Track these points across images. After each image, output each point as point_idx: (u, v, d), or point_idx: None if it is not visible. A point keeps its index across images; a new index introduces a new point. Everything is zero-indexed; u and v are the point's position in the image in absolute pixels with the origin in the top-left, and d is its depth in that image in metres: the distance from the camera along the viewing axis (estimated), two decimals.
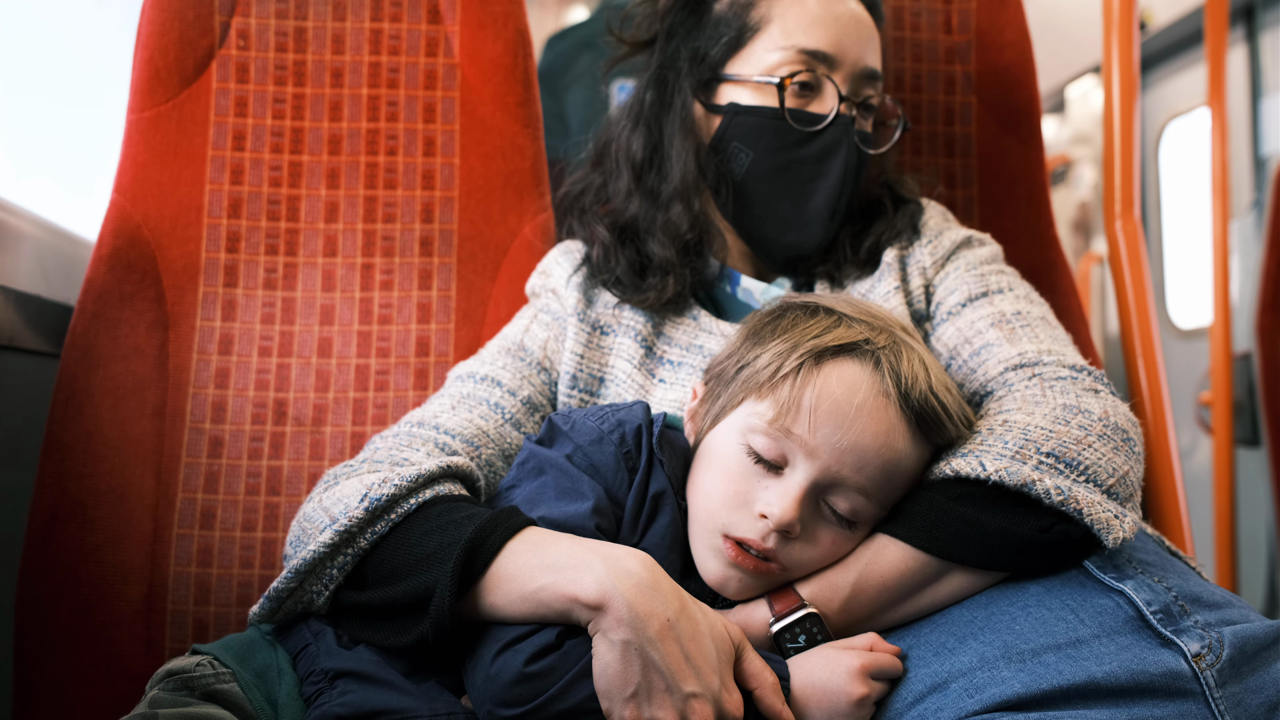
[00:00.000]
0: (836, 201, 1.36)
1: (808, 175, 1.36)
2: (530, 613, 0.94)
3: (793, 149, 1.36)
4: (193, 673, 0.99)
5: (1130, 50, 1.80)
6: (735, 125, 1.37)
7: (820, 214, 1.37)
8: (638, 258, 1.38)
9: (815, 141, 1.35)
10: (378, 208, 1.59)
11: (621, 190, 1.44)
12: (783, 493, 1.00)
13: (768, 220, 1.39)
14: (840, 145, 1.35)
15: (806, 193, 1.36)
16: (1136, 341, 1.71)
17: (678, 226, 1.37)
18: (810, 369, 1.02)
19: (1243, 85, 3.92)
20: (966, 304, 1.31)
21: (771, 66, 1.35)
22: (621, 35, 1.50)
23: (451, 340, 1.56)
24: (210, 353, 1.52)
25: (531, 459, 1.10)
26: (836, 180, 1.36)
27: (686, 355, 1.32)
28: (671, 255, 1.36)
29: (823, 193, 1.36)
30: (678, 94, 1.42)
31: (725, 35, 1.39)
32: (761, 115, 1.36)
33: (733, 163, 1.38)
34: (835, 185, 1.36)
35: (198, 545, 1.46)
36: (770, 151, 1.36)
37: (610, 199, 1.46)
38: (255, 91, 1.59)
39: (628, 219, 1.41)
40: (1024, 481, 0.99)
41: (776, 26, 1.37)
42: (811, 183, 1.36)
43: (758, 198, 1.38)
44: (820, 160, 1.36)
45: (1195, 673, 0.90)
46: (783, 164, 1.36)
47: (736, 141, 1.37)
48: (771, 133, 1.36)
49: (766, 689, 0.95)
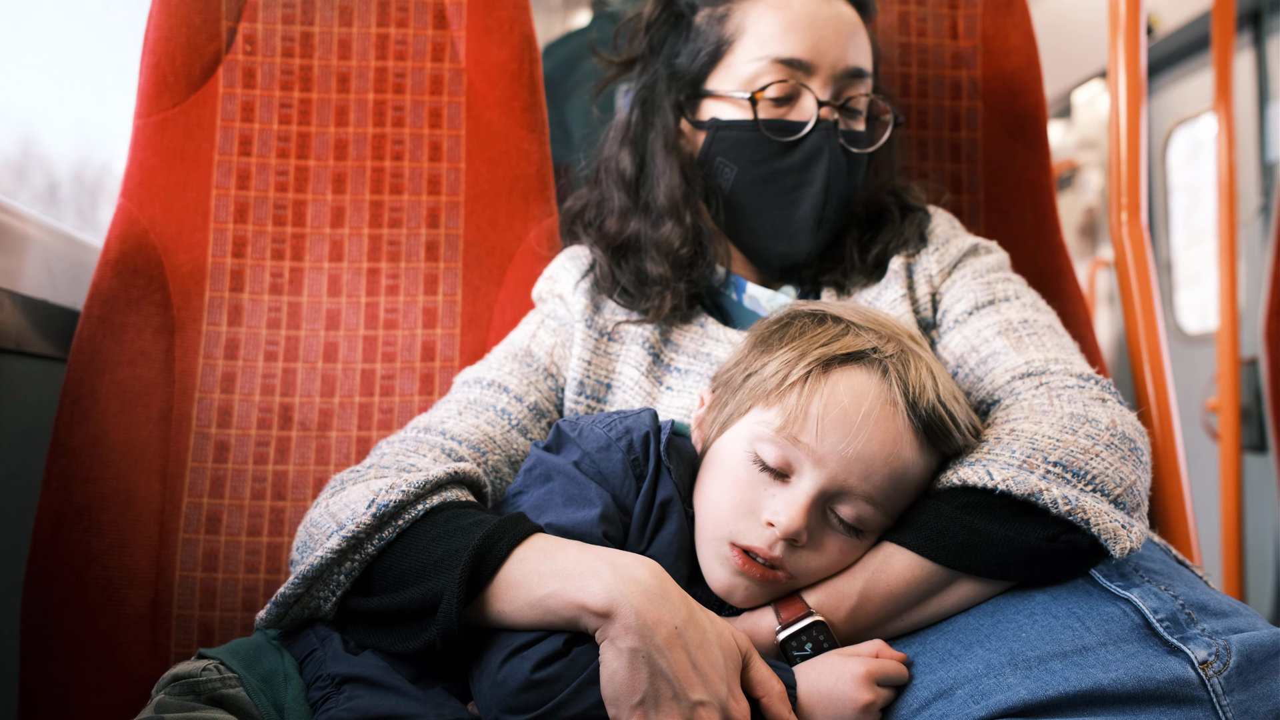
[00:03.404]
0: (822, 209, 1.35)
1: (792, 184, 1.35)
2: (538, 619, 0.94)
3: (775, 160, 1.35)
4: (199, 677, 0.99)
5: (1137, 55, 1.79)
6: (718, 141, 1.37)
7: (807, 222, 1.36)
8: (635, 274, 1.38)
9: (797, 150, 1.34)
10: (384, 212, 1.60)
11: (616, 209, 1.44)
12: (790, 501, 1.00)
13: (759, 232, 1.39)
14: (822, 151, 1.34)
15: (793, 202, 1.36)
16: (1143, 347, 1.71)
17: (671, 243, 1.37)
18: (818, 377, 1.02)
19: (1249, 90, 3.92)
20: (973, 312, 1.30)
21: (748, 79, 1.35)
22: (607, 55, 1.51)
23: (457, 345, 1.56)
24: (216, 357, 1.52)
25: (539, 465, 1.10)
26: (821, 187, 1.34)
27: (694, 363, 1.32)
28: (666, 271, 1.36)
29: (808, 201, 1.35)
30: (658, 112, 1.42)
31: (704, 49, 1.39)
32: (741, 129, 1.35)
33: (719, 177, 1.38)
34: (820, 192, 1.34)
35: (203, 550, 1.46)
36: (753, 164, 1.36)
37: (607, 216, 1.46)
38: (262, 97, 1.59)
39: (625, 237, 1.42)
40: (1031, 491, 0.99)
41: (750, 37, 1.36)
42: (797, 191, 1.35)
43: (747, 210, 1.38)
44: (803, 168, 1.34)
45: (1202, 680, 0.89)
46: (766, 176, 1.36)
47: (721, 156, 1.37)
48: (752, 146, 1.35)
49: (774, 697, 0.94)
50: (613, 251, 1.41)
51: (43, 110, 2.06)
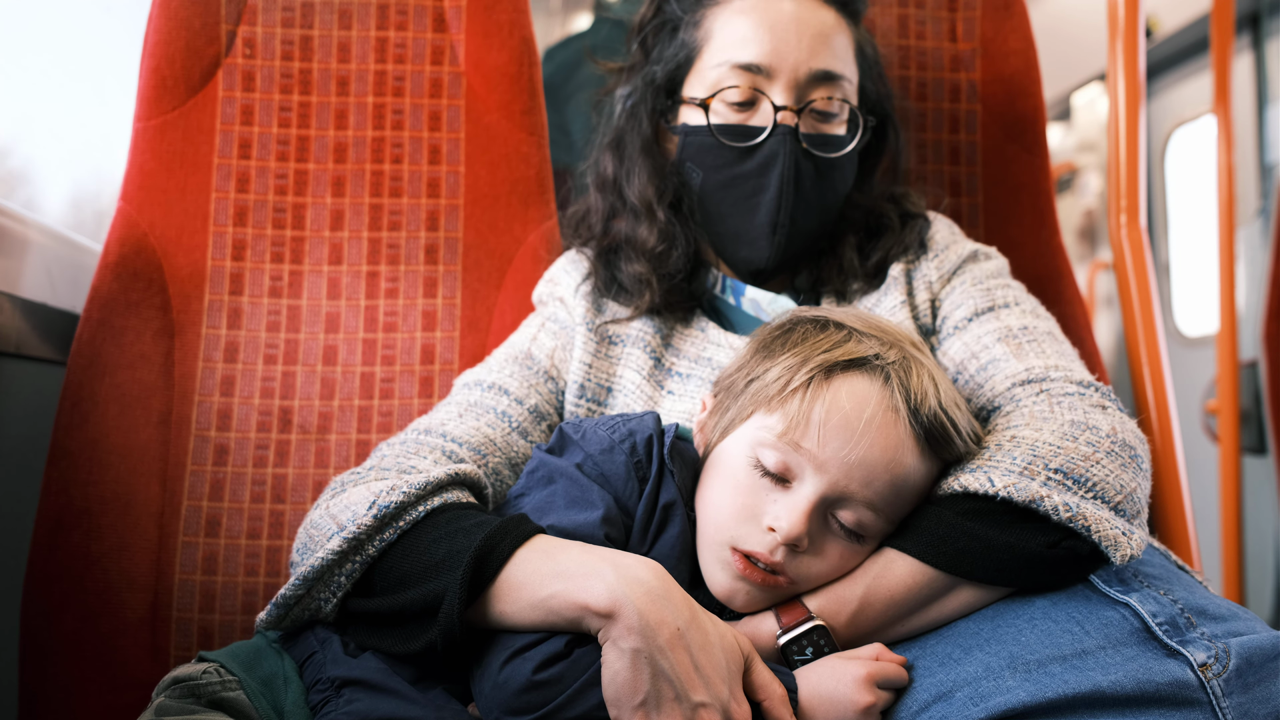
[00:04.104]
0: (777, 214, 1.34)
1: (751, 190, 1.35)
2: (540, 620, 0.94)
3: (734, 165, 1.35)
4: (199, 680, 0.99)
5: (1136, 58, 1.80)
6: (687, 146, 1.38)
7: (764, 228, 1.35)
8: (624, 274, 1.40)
9: (755, 155, 1.33)
10: (383, 215, 1.60)
11: (602, 212, 1.46)
12: (791, 506, 1.00)
13: (724, 236, 1.39)
14: (777, 157, 1.32)
15: (751, 208, 1.35)
16: (1142, 349, 1.71)
17: (646, 241, 1.38)
18: (820, 383, 1.02)
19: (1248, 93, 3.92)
20: (973, 319, 1.31)
21: (712, 84, 1.35)
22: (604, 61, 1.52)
23: (456, 348, 1.56)
24: (216, 360, 1.52)
25: (541, 467, 1.10)
26: (775, 193, 1.33)
27: (695, 367, 1.32)
28: (643, 269, 1.37)
29: (764, 207, 1.34)
30: (639, 117, 1.43)
31: (679, 55, 1.40)
32: (702, 134, 1.36)
33: (690, 182, 1.39)
34: (774, 198, 1.33)
35: (203, 553, 1.46)
36: (715, 169, 1.36)
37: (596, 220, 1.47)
38: (261, 100, 1.60)
39: (610, 239, 1.44)
40: (1032, 498, 0.99)
41: (716, 42, 1.36)
42: (755, 197, 1.35)
43: (714, 215, 1.38)
44: (760, 174, 1.34)
45: (1202, 682, 0.89)
46: (727, 181, 1.36)
47: (689, 161, 1.38)
48: (713, 151, 1.35)
49: (775, 701, 0.94)
50: (603, 253, 1.42)
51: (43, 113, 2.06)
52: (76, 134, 2.15)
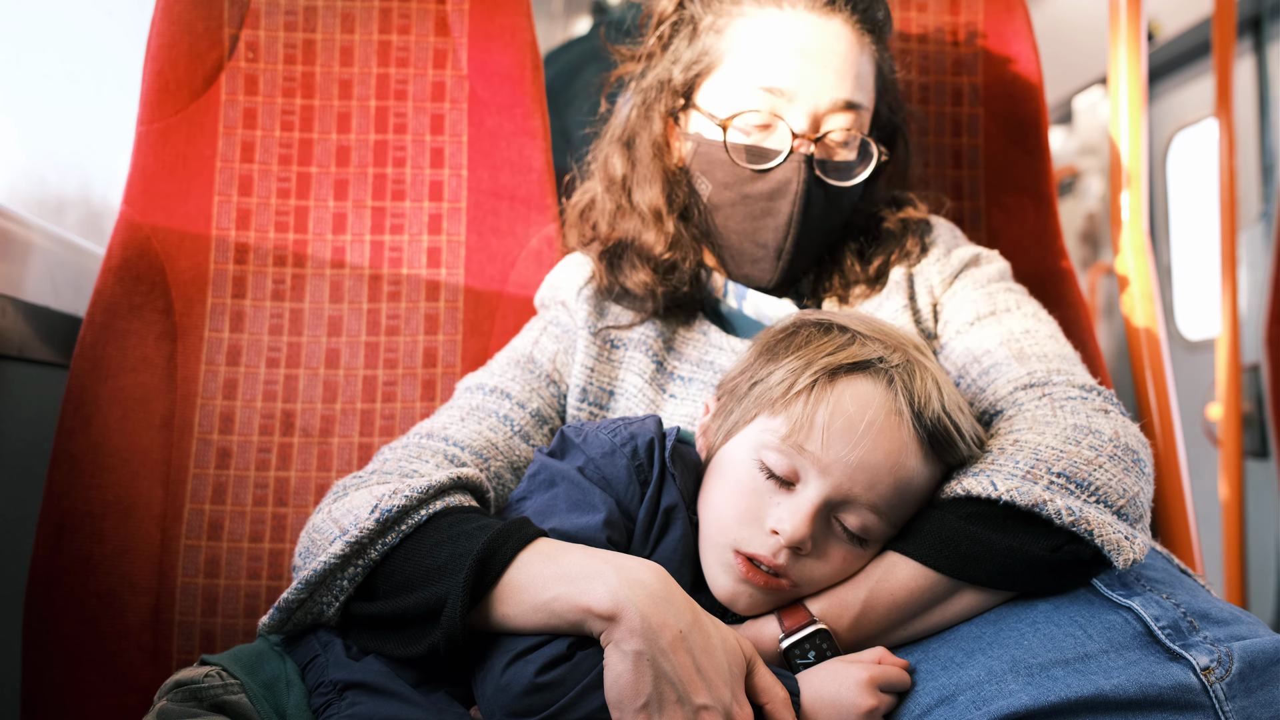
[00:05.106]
0: (783, 242, 1.33)
1: (759, 211, 1.34)
2: (542, 623, 0.94)
3: (745, 184, 1.33)
4: (201, 683, 0.99)
5: (1138, 61, 1.80)
6: (699, 155, 1.37)
7: (769, 252, 1.34)
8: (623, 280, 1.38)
9: (767, 178, 1.32)
10: (385, 219, 1.60)
11: (608, 211, 1.45)
12: (794, 509, 1.00)
13: (726, 249, 1.39)
14: (790, 184, 1.31)
15: (758, 229, 1.34)
16: (1144, 353, 1.71)
17: (652, 249, 1.37)
18: (824, 386, 1.02)
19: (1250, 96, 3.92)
20: (975, 322, 1.31)
21: (730, 99, 1.33)
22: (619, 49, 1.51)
23: (459, 352, 1.56)
24: (218, 364, 1.52)
25: (543, 471, 1.10)
26: (785, 220, 1.32)
27: (697, 371, 1.32)
28: (647, 276, 1.36)
29: (770, 231, 1.33)
30: (651, 116, 1.42)
31: (699, 60, 1.38)
32: (717, 149, 1.34)
33: (699, 189, 1.38)
34: (783, 226, 1.32)
35: (205, 556, 1.46)
36: (725, 185, 1.35)
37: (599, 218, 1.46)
38: (264, 103, 1.60)
39: (615, 240, 1.42)
40: (1035, 502, 0.99)
41: (738, 57, 1.34)
42: (762, 219, 1.34)
43: (718, 227, 1.38)
44: (771, 198, 1.32)
45: (1204, 685, 0.89)
46: (735, 199, 1.35)
47: (699, 170, 1.37)
48: (726, 166, 1.34)
49: (777, 704, 0.94)
50: (606, 255, 1.41)
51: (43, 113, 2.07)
52: (78, 135, 2.15)
